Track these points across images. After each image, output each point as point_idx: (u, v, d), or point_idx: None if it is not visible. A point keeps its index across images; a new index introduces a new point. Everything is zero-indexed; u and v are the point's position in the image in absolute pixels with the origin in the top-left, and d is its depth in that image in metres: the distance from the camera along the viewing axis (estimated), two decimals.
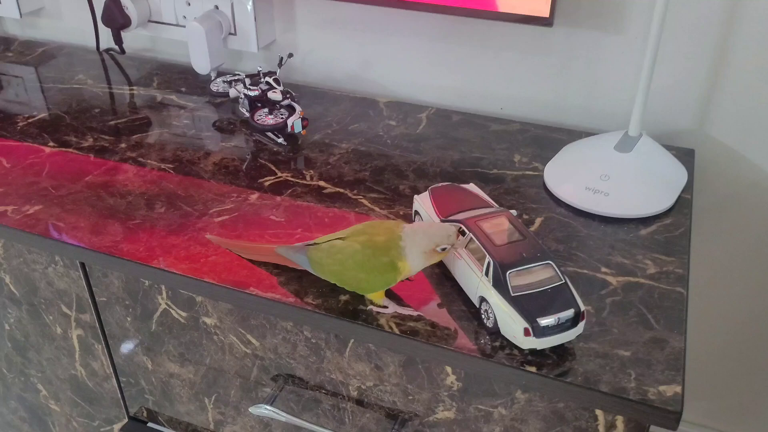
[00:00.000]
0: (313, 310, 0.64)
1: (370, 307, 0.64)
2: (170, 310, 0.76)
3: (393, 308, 0.64)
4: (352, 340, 0.67)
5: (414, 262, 0.61)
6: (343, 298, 0.65)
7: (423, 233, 0.61)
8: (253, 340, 0.74)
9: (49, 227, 0.75)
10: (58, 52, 1.22)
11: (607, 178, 0.79)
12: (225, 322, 0.74)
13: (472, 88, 1.02)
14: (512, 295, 0.58)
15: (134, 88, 1.09)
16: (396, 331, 0.62)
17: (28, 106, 1.03)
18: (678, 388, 0.56)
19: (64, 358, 0.91)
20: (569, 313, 0.58)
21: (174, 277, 0.69)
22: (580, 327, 0.59)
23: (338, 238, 0.64)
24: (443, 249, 0.61)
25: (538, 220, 0.76)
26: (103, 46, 1.23)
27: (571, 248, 0.72)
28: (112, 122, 0.98)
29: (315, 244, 0.65)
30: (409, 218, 0.76)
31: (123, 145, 0.92)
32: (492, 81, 1.00)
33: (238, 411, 0.82)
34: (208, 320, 0.75)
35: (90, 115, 1.00)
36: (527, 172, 0.85)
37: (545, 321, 0.57)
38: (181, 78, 1.11)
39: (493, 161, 0.87)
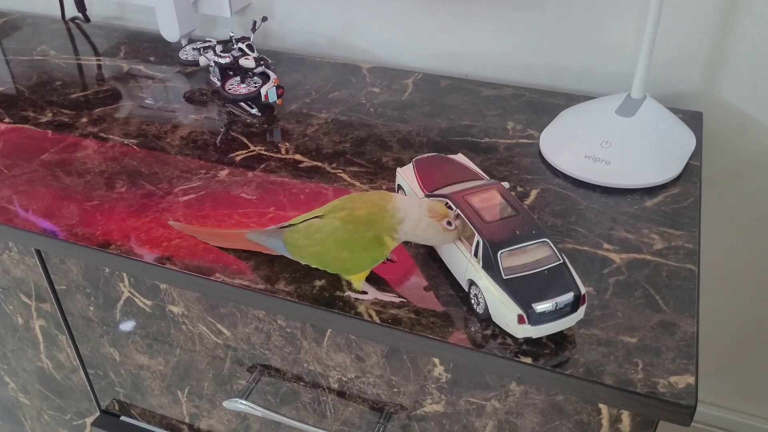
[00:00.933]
0: (284, 298, 0.58)
1: (348, 293, 0.58)
2: (134, 298, 0.70)
3: (373, 294, 0.57)
4: (329, 330, 0.61)
5: (417, 231, 0.55)
6: (318, 283, 0.59)
7: (415, 210, 0.55)
8: (224, 330, 0.67)
9: (0, 211, 0.69)
10: (21, 22, 1.14)
11: (609, 145, 0.72)
12: (192, 311, 0.68)
13: (462, 51, 0.94)
14: (504, 277, 0.52)
15: (100, 58, 1.01)
16: (376, 319, 0.55)
17: None
18: (691, 379, 0.50)
19: (29, 350, 0.85)
20: (568, 296, 0.51)
21: (133, 263, 0.63)
22: (581, 312, 0.52)
23: (315, 217, 0.57)
24: (449, 224, 0.55)
25: (534, 193, 0.70)
26: (69, 14, 1.15)
27: (570, 223, 0.65)
28: (74, 95, 0.91)
29: (290, 225, 0.59)
30: (392, 191, 0.70)
31: (84, 120, 0.85)
32: (482, 42, 0.92)
33: (213, 404, 0.76)
34: (174, 309, 0.69)
35: (51, 88, 0.93)
36: (521, 141, 0.78)
37: (541, 306, 0.51)
38: (150, 47, 1.04)
39: (485, 129, 0.80)
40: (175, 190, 0.71)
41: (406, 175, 0.65)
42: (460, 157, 0.67)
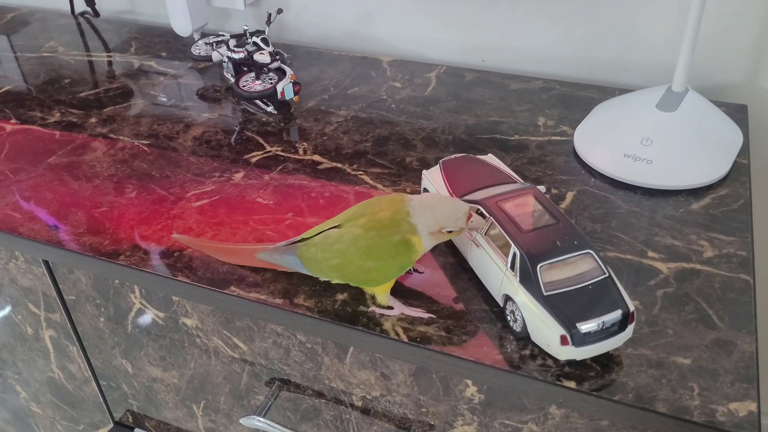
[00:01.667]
0: (304, 314, 0.54)
1: (372, 308, 0.54)
2: (146, 309, 0.66)
3: (399, 309, 0.53)
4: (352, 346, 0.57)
5: (426, 240, 0.51)
6: (340, 297, 0.55)
7: (430, 211, 0.51)
8: (240, 344, 0.64)
9: (4, 218, 0.65)
10: (30, 18, 1.11)
11: (650, 143, 0.67)
12: (207, 324, 0.64)
13: (487, 42, 0.89)
14: (544, 293, 0.47)
15: (110, 54, 0.97)
16: (404, 337, 0.51)
17: None
18: (752, 406, 0.45)
19: (39, 360, 0.82)
20: (615, 314, 0.47)
21: (143, 275, 0.59)
22: (629, 331, 0.48)
23: (332, 227, 0.53)
24: (450, 231, 0.51)
25: (570, 195, 0.65)
26: (78, 9, 1.12)
27: (610, 228, 0.60)
28: (83, 94, 0.87)
29: (303, 240, 0.54)
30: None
31: (93, 120, 0.81)
32: (509, 32, 0.87)
33: (230, 419, 0.73)
34: (188, 321, 0.65)
35: (59, 86, 0.89)
36: (554, 138, 0.73)
37: (586, 326, 0.46)
38: (161, 42, 1.00)
39: (514, 126, 0.76)
40: (188, 195, 0.67)
41: (432, 178, 0.61)
42: (491, 158, 0.63)
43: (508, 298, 0.51)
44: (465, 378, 0.53)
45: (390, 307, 0.53)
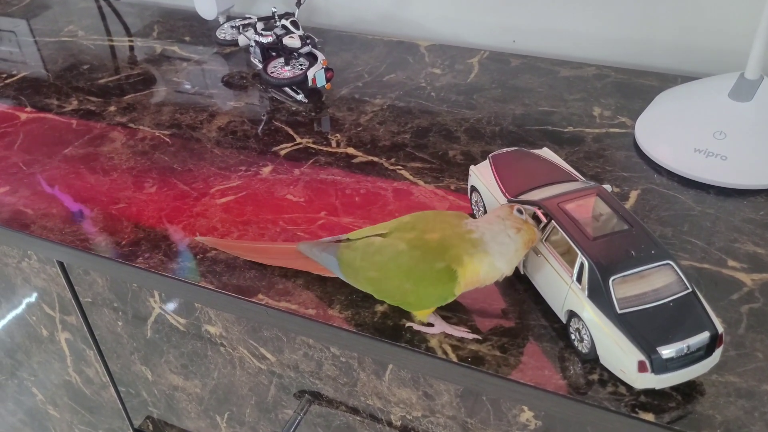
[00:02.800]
0: (340, 327, 0.48)
1: (409, 324, 0.48)
2: (166, 315, 0.61)
3: (440, 327, 0.47)
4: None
5: (503, 250, 0.45)
6: (380, 309, 0.49)
7: (492, 213, 0.46)
8: (268, 355, 0.58)
9: (16, 215, 0.61)
10: (50, 1, 1.06)
11: (723, 136, 0.60)
12: (232, 333, 0.58)
13: (534, 25, 0.82)
14: (618, 311, 0.41)
15: (131, 39, 0.92)
16: (452, 357, 0.45)
17: (8, 63, 0.88)
18: None
19: (55, 362, 0.78)
20: (702, 337, 0.40)
21: (162, 280, 0.54)
22: (716, 356, 0.41)
23: (378, 234, 0.47)
24: (520, 212, 0.46)
25: (634, 194, 0.58)
26: None
27: (682, 233, 0.54)
28: (102, 80, 0.82)
29: (348, 240, 0.49)
30: (463, 192, 0.59)
31: (112, 108, 0.76)
32: (558, 14, 0.80)
33: (256, 431, 0.68)
34: (211, 329, 0.60)
35: (77, 72, 0.84)
36: (612, 130, 0.67)
37: (668, 351, 0.40)
38: (185, 26, 0.94)
39: (567, 116, 0.69)
40: (212, 191, 0.62)
41: (482, 174, 0.54)
42: (547, 152, 0.56)
43: (572, 315, 0.44)
44: (522, 404, 0.47)
45: (430, 324, 0.47)
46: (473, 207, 0.56)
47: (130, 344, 0.67)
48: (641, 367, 0.40)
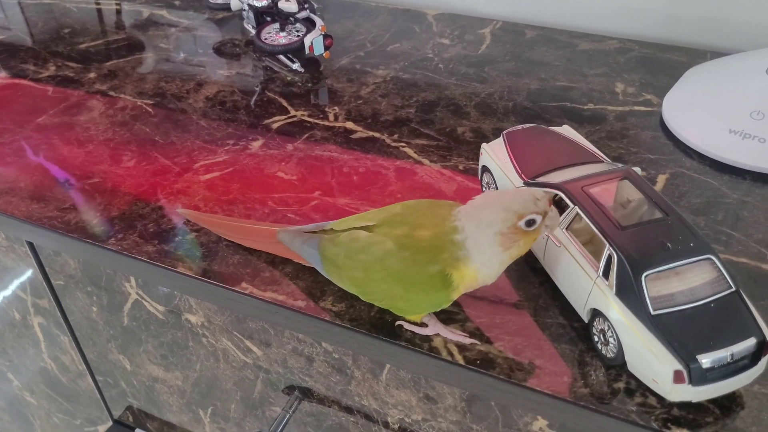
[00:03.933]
0: (332, 322, 0.43)
1: (399, 322, 0.42)
2: (143, 301, 0.56)
3: (434, 329, 0.41)
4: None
5: (485, 261, 0.38)
6: None
7: (491, 206, 0.38)
8: (254, 348, 0.53)
9: None
10: None
11: (761, 117, 0.54)
12: (214, 323, 0.53)
13: None
14: (652, 312, 0.36)
15: (118, 2, 0.86)
16: (459, 358, 0.40)
17: None
18: None
19: (30, 348, 0.73)
20: (748, 344, 0.35)
21: (135, 263, 0.48)
22: (762, 365, 0.36)
23: (364, 226, 0.41)
24: (530, 223, 0.37)
25: (662, 179, 0.52)
26: None
27: (716, 223, 0.48)
28: (83, 45, 0.76)
29: (332, 230, 0.43)
30: (472, 173, 0.53)
31: (92, 75, 0.70)
32: None
33: (242, 428, 0.62)
34: (192, 318, 0.54)
35: (57, 36, 0.78)
36: (636, 108, 0.61)
37: (710, 359, 0.34)
38: None
39: (587, 92, 0.63)
40: (196, 166, 0.56)
41: (495, 153, 0.49)
42: (567, 130, 0.50)
43: (597, 314, 0.39)
44: (537, 413, 0.42)
45: (423, 324, 0.42)
46: (484, 189, 0.51)
47: (106, 331, 0.62)
48: (677, 378, 0.35)
